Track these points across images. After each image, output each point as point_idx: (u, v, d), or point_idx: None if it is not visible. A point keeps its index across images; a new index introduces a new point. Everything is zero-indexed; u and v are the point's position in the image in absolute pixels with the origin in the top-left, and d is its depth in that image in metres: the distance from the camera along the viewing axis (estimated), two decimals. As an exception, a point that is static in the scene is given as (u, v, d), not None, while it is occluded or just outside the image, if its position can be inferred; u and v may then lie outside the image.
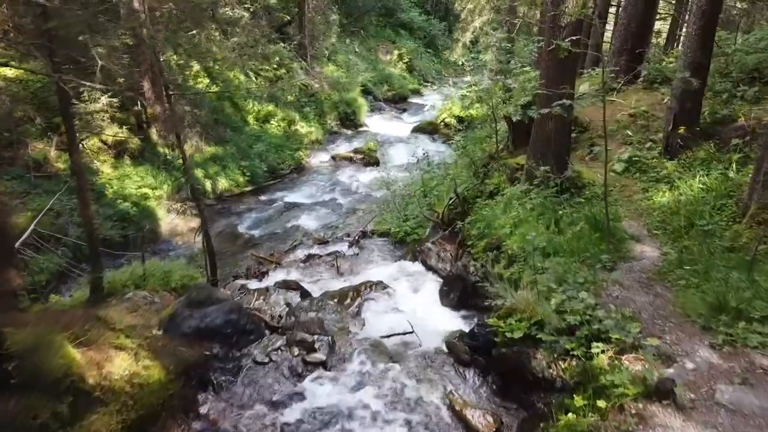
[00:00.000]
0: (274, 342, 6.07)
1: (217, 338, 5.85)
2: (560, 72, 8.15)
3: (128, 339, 4.89)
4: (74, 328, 4.38)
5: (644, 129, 10.08)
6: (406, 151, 19.36)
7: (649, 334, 4.80)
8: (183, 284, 6.86)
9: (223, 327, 5.90)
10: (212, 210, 14.57)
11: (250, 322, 6.16)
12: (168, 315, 5.81)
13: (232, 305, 6.09)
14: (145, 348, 4.97)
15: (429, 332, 6.71)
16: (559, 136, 8.54)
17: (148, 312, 5.89)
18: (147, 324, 5.58)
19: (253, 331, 6.14)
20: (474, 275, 8.14)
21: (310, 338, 5.93)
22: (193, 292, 6.11)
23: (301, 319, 6.43)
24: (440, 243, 10.32)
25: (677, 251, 6.68)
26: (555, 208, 7.99)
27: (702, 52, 8.52)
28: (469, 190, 10.56)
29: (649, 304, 5.36)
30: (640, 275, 6.28)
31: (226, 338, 5.92)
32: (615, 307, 5.17)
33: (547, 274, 5.93)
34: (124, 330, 4.98)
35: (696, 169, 8.39)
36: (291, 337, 6.05)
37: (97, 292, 6.06)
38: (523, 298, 5.21)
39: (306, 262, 11.38)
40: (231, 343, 5.91)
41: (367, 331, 6.73)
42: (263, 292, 7.58)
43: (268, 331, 6.47)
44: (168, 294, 6.56)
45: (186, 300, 6.00)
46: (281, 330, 6.50)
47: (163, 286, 6.67)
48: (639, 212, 8.12)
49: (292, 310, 6.75)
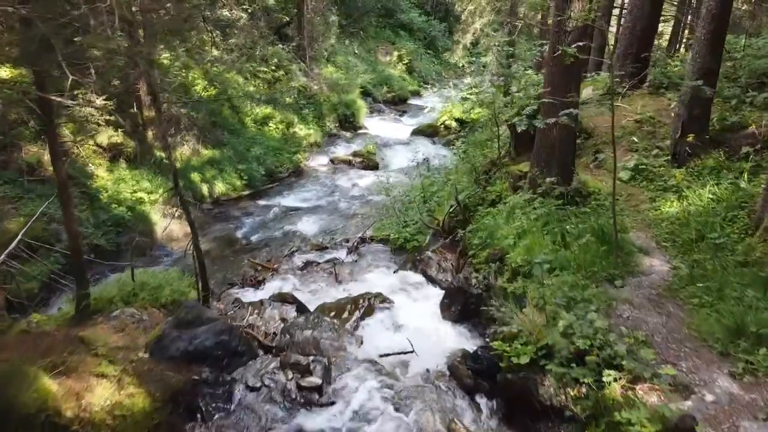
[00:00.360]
0: (267, 364, 5.79)
1: (206, 361, 5.55)
2: (566, 78, 7.89)
3: (111, 365, 4.62)
4: (53, 355, 4.11)
5: (650, 135, 9.81)
6: (406, 154, 19.14)
7: (663, 360, 4.53)
8: (173, 300, 6.56)
9: (214, 349, 5.61)
10: (209, 214, 14.33)
11: (241, 343, 5.87)
12: (155, 337, 5.53)
13: (222, 325, 5.80)
14: (130, 373, 4.70)
15: (430, 350, 6.44)
16: (564, 143, 8.27)
17: (136, 331, 5.61)
18: (133, 345, 5.30)
19: (245, 353, 5.86)
20: (476, 288, 7.88)
21: (304, 360, 5.65)
22: (181, 312, 5.82)
23: (296, 337, 6.15)
24: (441, 251, 10.05)
25: (688, 266, 6.42)
26: (560, 218, 7.73)
27: (712, 57, 8.26)
28: (471, 198, 10.29)
29: (661, 326, 5.09)
30: (650, 292, 6.01)
31: (216, 361, 5.63)
32: (626, 330, 4.91)
33: (554, 291, 5.66)
34: (108, 354, 4.70)
35: (705, 179, 8.13)
36: (285, 359, 5.76)
37: (83, 310, 5.79)
38: (529, 320, 4.94)
39: (304, 269, 11.12)
40: (221, 367, 5.62)
41: (365, 350, 6.46)
42: (257, 305, 7.30)
43: (261, 351, 6.19)
44: (157, 311, 6.27)
45: (174, 320, 5.72)
46: (275, 350, 6.21)
47: (153, 302, 6.39)
48: (646, 223, 7.86)
49: (287, 327, 6.47)
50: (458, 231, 9.88)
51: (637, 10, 11.23)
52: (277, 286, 10.26)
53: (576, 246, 6.76)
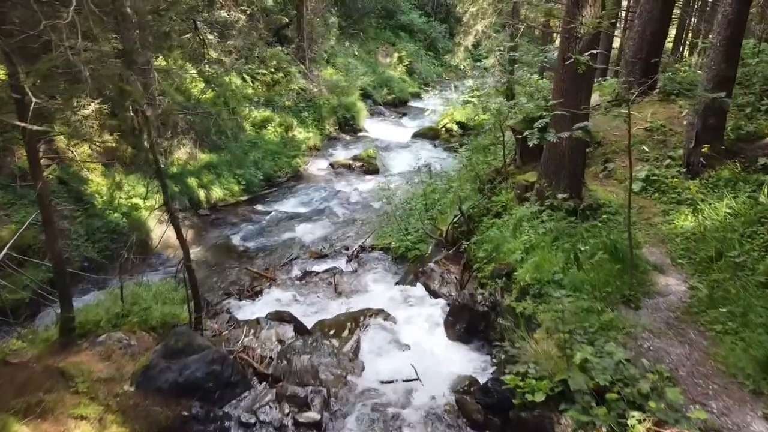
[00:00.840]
0: (262, 396, 5.43)
1: (197, 394, 5.18)
2: (576, 86, 7.56)
3: (92, 403, 4.28)
4: (30, 391, 3.77)
5: (661, 145, 9.48)
6: (407, 158, 18.84)
7: (691, 399, 4.20)
8: (164, 322, 6.21)
9: (205, 380, 5.24)
10: (206, 220, 14.05)
11: (235, 373, 5.51)
12: (142, 367, 5.17)
13: (215, 354, 5.43)
14: (114, 410, 4.36)
15: (435, 375, 6.09)
16: (573, 153, 7.93)
17: (123, 358, 5.26)
18: (119, 376, 4.96)
19: (238, 383, 5.50)
20: (482, 305, 7.57)
21: (302, 392, 5.30)
22: (171, 339, 5.45)
23: (293, 363, 5.80)
24: (444, 263, 9.72)
25: (706, 286, 6.08)
26: (570, 233, 7.38)
27: (727, 64, 7.93)
28: (475, 208, 9.95)
29: (685, 358, 4.75)
30: (668, 315, 5.68)
31: (207, 393, 5.25)
32: (648, 362, 4.57)
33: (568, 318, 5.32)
34: (89, 391, 4.36)
35: (721, 191, 7.79)
36: (281, 390, 5.42)
37: (68, 333, 5.45)
38: (543, 351, 4.60)
39: (302, 279, 10.84)
40: (213, 400, 5.26)
41: (367, 377, 6.10)
42: (253, 324, 6.96)
43: (256, 379, 5.84)
44: (146, 334, 5.91)
45: (163, 348, 5.36)
46: (271, 378, 5.85)
47: (142, 324, 6.04)
48: (659, 238, 7.52)
49: (283, 351, 6.12)
50: (462, 242, 9.54)
51: (646, 14, 10.88)
52: (275, 298, 9.96)
53: (588, 264, 6.42)
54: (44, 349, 5.17)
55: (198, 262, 11.90)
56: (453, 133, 19.75)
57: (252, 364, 5.94)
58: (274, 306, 9.62)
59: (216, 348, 5.49)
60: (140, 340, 5.71)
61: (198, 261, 11.98)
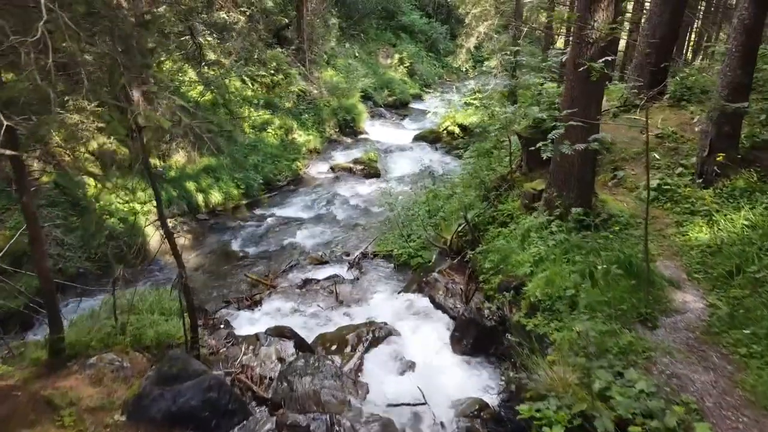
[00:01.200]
0: (261, 425, 5.16)
1: (192, 424, 4.88)
2: (587, 93, 7.30)
3: (80, 437, 4.01)
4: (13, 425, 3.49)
5: (673, 152, 9.22)
6: (408, 162, 18.59)
7: (721, 435, 3.94)
8: (158, 342, 5.93)
9: (201, 409, 4.94)
10: (204, 225, 13.80)
11: (233, 400, 5.21)
12: (133, 395, 4.89)
13: (211, 380, 5.14)
14: (103, 443, 4.09)
15: (443, 396, 5.83)
16: (583, 162, 7.66)
17: (115, 382, 4.99)
18: (109, 403, 4.68)
19: (236, 412, 5.21)
20: (489, 319, 7.30)
21: (304, 420, 5.02)
22: (165, 365, 5.16)
23: (294, 386, 5.52)
24: (448, 273, 9.47)
25: (726, 304, 5.82)
26: (581, 245, 7.12)
27: (743, 71, 7.68)
28: (480, 216, 9.69)
29: (711, 386, 4.48)
30: (688, 336, 5.42)
31: (203, 423, 4.95)
32: (671, 390, 4.31)
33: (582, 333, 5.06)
34: (76, 424, 4.09)
35: (737, 201, 7.54)
36: (282, 418, 5.14)
37: (57, 355, 5.18)
38: (559, 378, 4.34)
39: (303, 287, 10.58)
40: (210, 430, 4.99)
41: (372, 399, 5.83)
42: (252, 341, 6.68)
43: (255, 403, 5.56)
44: (140, 355, 5.62)
45: (156, 375, 5.07)
46: (271, 403, 5.57)
47: (135, 344, 5.75)
48: (673, 250, 7.27)
49: (284, 373, 5.84)
50: (467, 251, 9.28)
51: (656, 18, 10.62)
52: (275, 307, 9.71)
53: (602, 280, 6.16)
54: (32, 373, 4.89)
55: (196, 269, 11.66)
56: (455, 136, 19.48)
57: (251, 387, 5.66)
58: (274, 316, 9.38)
59: (212, 373, 5.20)
60: (133, 361, 5.42)
61: (196, 267, 11.73)
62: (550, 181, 8.17)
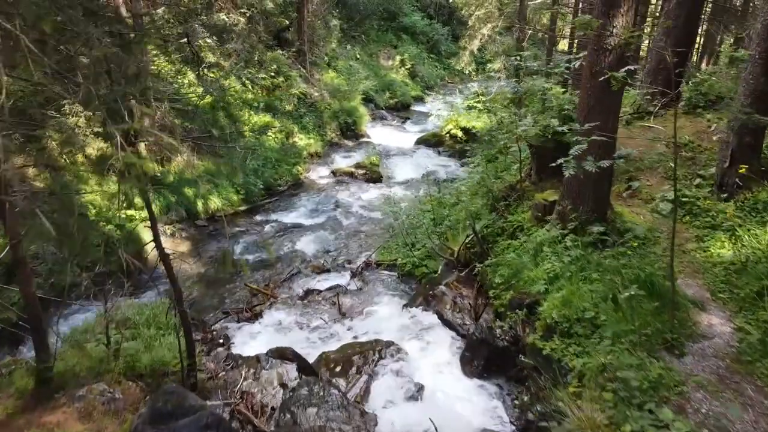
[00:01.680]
0: (264, 465, 4.84)
1: (188, 467, 4.58)
2: (605, 102, 6.97)
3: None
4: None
5: (690, 162, 8.88)
6: (411, 166, 18.25)
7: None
8: (153, 370, 5.57)
9: (197, 451, 4.64)
10: (203, 231, 13.46)
11: (232, 438, 4.89)
12: (125, 435, 4.56)
13: (209, 417, 4.74)
14: (90, 492, 3.75)
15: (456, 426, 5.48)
16: (600, 174, 7.25)
17: (106, 417, 4.63)
18: (99, 442, 4.34)
19: (236, 451, 4.91)
20: (501, 339, 6.96)
21: (309, 462, 4.71)
22: (159, 400, 4.78)
23: (298, 419, 5.16)
24: (456, 286, 9.12)
25: (756, 328, 5.48)
26: (598, 262, 6.78)
27: (767, 78, 7.33)
28: (489, 227, 9.34)
29: (751, 426, 4.14)
30: (718, 365, 5.08)
31: (200, 465, 4.65)
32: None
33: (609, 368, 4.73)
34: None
35: (761, 215, 7.20)
36: (285, 459, 4.82)
37: (44, 384, 4.83)
38: (587, 417, 4.01)
39: (304, 298, 10.26)
40: (207, 473, 4.66)
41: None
42: (253, 363, 6.33)
43: (256, 438, 5.23)
44: (133, 384, 5.25)
45: (149, 412, 4.70)
46: (273, 438, 5.26)
47: (129, 371, 5.40)
48: (695, 267, 6.92)
49: (287, 403, 5.48)
50: (475, 264, 8.93)
51: (671, 22, 10.28)
52: (276, 320, 9.38)
53: (623, 302, 5.81)
54: (17, 406, 4.54)
55: (195, 277, 11.31)
56: (458, 140, 19.13)
57: (251, 420, 5.29)
58: (275, 330, 9.06)
59: (209, 409, 4.84)
60: (126, 392, 5.06)
61: (195, 275, 11.38)
62: (563, 193, 7.82)
